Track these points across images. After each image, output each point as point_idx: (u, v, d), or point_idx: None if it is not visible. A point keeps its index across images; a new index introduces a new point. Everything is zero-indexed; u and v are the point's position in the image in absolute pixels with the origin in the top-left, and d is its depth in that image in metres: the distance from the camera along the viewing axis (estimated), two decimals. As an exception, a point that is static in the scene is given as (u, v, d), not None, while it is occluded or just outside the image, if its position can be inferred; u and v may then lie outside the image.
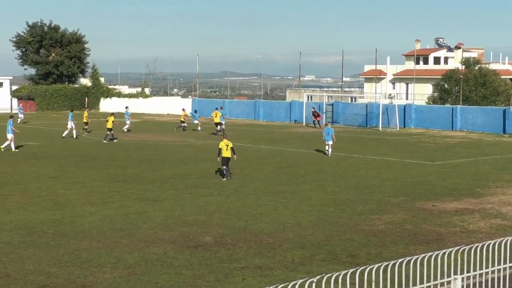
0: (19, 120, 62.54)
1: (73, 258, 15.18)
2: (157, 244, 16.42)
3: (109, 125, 44.75)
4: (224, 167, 27.44)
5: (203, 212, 20.48)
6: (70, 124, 47.24)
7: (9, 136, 38.17)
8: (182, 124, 54.64)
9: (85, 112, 53.41)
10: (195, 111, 59.22)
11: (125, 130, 52.29)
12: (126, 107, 58.42)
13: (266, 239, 16.98)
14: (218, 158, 27.52)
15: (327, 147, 36.86)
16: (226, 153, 27.30)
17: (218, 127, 50.85)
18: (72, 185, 25.72)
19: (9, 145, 38.18)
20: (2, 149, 37.78)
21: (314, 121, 62.01)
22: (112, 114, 46.76)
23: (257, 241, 16.72)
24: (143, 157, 34.97)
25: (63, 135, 46.89)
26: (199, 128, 54.93)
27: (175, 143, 43.57)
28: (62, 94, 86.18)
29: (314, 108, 63.62)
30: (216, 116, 51.27)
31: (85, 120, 51.66)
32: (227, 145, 27.43)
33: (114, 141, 44.08)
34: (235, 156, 27.88)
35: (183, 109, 57.83)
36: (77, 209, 20.90)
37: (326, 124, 38.88)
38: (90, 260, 15.00)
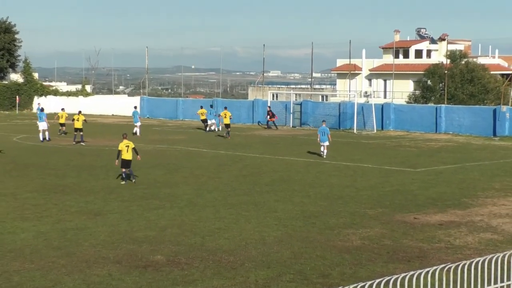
0: None
1: (2, 281, 14.99)
2: (101, 264, 16.30)
3: (78, 125, 45.74)
4: (124, 170, 28.61)
5: (154, 227, 20.39)
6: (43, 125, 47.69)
7: None
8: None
9: (63, 113, 53.25)
10: (211, 106, 62.16)
11: (136, 133, 52.94)
12: (135, 107, 58.29)
13: (226, 257, 16.96)
14: (116, 161, 28.65)
15: (322, 148, 37.89)
16: (127, 155, 28.53)
17: (228, 128, 52.40)
18: (0, 197, 25.40)
19: None
20: None
21: (268, 121, 62.39)
22: (80, 112, 47.78)
23: (215, 260, 16.69)
24: (84, 164, 34.71)
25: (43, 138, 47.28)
26: (213, 127, 57.99)
27: (121, 148, 43.28)
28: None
29: (269, 107, 63.93)
30: (225, 117, 52.74)
31: (62, 121, 52.14)
32: (128, 146, 28.69)
33: (83, 143, 44.70)
34: (139, 156, 29.27)
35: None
36: (7, 224, 20.64)
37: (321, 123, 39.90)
38: (22, 283, 14.83)
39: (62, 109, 54.17)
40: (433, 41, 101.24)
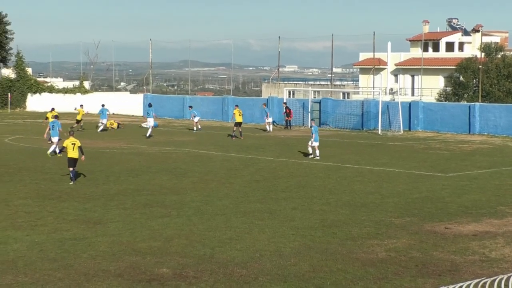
0: None
1: (-6, 296, 15.07)
2: (101, 277, 16.35)
3: (79, 117, 50.15)
4: (71, 169, 30.03)
5: (159, 237, 20.44)
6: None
7: None
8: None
9: (81, 109, 58.13)
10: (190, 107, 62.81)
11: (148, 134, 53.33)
12: (150, 105, 58.47)
13: (238, 270, 16.99)
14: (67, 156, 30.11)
15: (311, 149, 39.12)
16: (73, 153, 29.95)
17: (239, 127, 52.69)
18: (-9, 203, 25.53)
19: None
20: None
21: (286, 120, 62.44)
22: (81, 105, 52.48)
23: (226, 274, 16.72)
24: (82, 168, 34.80)
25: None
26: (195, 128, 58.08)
27: (123, 151, 43.47)
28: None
29: (285, 103, 63.98)
30: (239, 115, 52.93)
31: (79, 118, 57.09)
32: (74, 144, 30.10)
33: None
34: (83, 156, 30.51)
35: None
36: (-1, 234, 20.74)
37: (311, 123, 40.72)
38: (15, 298, 14.90)
39: (81, 106, 59.11)
40: (466, 33, 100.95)
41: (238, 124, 52.55)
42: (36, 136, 50.10)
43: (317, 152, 39.19)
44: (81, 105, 59.68)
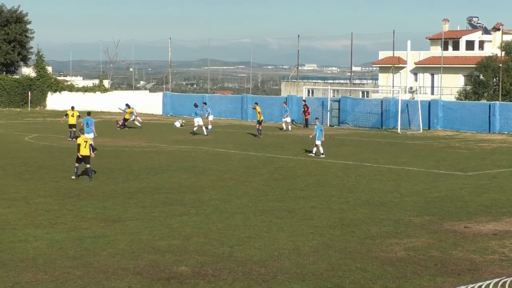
0: None
1: (14, 293, 15.14)
2: (120, 275, 16.39)
3: (72, 121, 48.86)
4: (77, 164, 30.89)
5: (178, 235, 20.47)
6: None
7: None
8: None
9: (131, 109, 59.94)
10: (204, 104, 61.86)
11: (203, 130, 54.17)
12: (195, 105, 58.47)
13: (257, 269, 16.99)
14: (79, 154, 30.69)
15: (316, 148, 39.35)
16: (85, 151, 30.76)
17: (259, 126, 52.92)
18: (11, 201, 25.64)
19: None
20: None
21: (305, 119, 62.44)
22: (73, 107, 50.91)
23: (245, 272, 16.73)
24: (101, 166, 34.91)
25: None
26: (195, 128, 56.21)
27: (142, 149, 43.56)
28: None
29: (305, 100, 63.93)
30: (260, 114, 53.18)
31: (127, 117, 59.25)
32: (86, 141, 30.99)
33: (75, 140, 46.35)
34: (93, 154, 31.46)
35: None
36: (18, 232, 20.82)
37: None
38: (35, 296, 14.96)
39: (127, 105, 60.15)
40: (486, 31, 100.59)
41: (259, 122, 52.63)
42: (56, 134, 50.37)
43: (321, 149, 39.66)
44: (127, 104, 60.42)
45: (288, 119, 59.57)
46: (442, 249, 19.03)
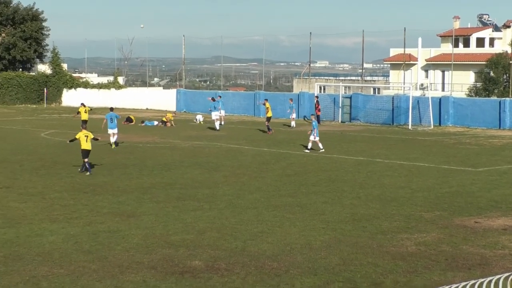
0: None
1: (30, 287, 15.20)
2: (134, 269, 16.44)
3: (85, 117, 50.33)
4: (86, 160, 31.12)
5: (191, 230, 20.51)
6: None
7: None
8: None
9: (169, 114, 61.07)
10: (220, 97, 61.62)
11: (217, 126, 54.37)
12: (213, 99, 58.65)
13: (269, 263, 17.01)
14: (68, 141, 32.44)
15: (311, 144, 39.90)
16: (86, 145, 31.07)
17: (267, 122, 52.90)
18: (28, 196, 25.74)
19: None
20: None
21: (317, 115, 62.29)
22: (82, 104, 52.68)
23: (257, 266, 16.75)
24: (116, 162, 35.01)
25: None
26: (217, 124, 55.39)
27: (156, 145, 43.64)
28: (15, 84, 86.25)
29: (317, 97, 63.82)
30: (268, 110, 53.22)
31: (164, 119, 59.26)
32: (87, 136, 31.24)
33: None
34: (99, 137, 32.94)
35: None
36: (35, 226, 20.91)
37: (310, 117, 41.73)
38: (51, 289, 15.01)
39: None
40: (496, 28, 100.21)
41: (269, 119, 52.65)
42: (72, 130, 50.43)
43: (320, 145, 40.01)
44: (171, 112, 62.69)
45: (294, 115, 59.62)
46: (453, 244, 19.01)
